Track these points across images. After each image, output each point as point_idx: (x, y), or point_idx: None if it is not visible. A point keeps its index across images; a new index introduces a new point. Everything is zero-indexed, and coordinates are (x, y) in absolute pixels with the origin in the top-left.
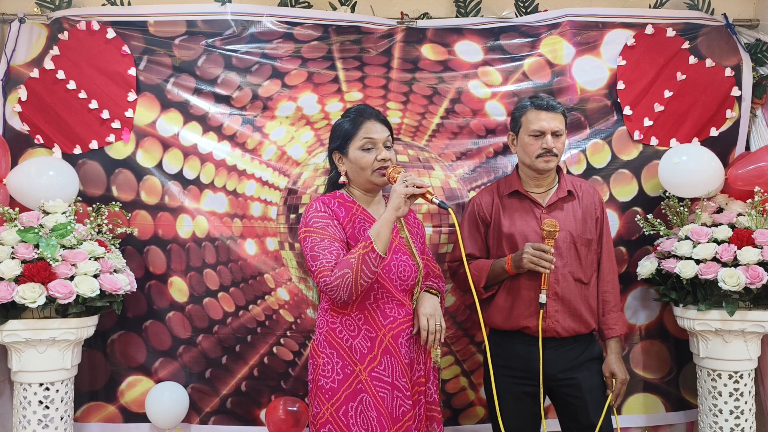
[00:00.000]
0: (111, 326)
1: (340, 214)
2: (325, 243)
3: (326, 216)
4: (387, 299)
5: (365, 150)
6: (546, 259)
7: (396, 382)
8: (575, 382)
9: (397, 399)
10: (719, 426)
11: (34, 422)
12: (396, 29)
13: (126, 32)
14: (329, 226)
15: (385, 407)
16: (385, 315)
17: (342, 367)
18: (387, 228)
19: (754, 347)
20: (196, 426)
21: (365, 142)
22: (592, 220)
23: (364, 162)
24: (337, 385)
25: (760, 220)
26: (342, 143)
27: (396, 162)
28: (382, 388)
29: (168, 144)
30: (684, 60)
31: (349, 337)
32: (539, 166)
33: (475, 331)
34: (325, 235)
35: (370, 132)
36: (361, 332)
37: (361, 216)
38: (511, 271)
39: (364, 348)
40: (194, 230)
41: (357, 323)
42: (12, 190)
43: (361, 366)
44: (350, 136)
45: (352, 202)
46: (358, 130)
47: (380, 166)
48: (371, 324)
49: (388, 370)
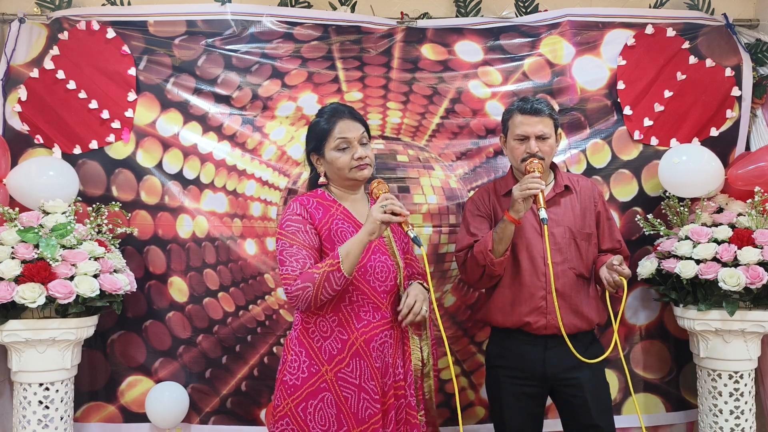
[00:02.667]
0: (111, 326)
1: (317, 215)
2: (293, 249)
3: (299, 220)
4: (363, 302)
5: (341, 150)
6: (532, 181)
7: (363, 385)
8: (577, 382)
9: (363, 401)
10: (719, 426)
11: (34, 422)
12: (396, 29)
13: (126, 32)
14: (300, 231)
15: (348, 407)
16: (359, 318)
17: (308, 366)
18: (358, 249)
19: (754, 347)
20: (196, 426)
21: (340, 141)
22: (591, 214)
23: (341, 162)
24: (300, 383)
25: (760, 220)
26: (317, 145)
27: (373, 158)
28: (347, 389)
29: (168, 144)
30: (684, 60)
31: (320, 339)
32: (524, 169)
33: (475, 331)
34: (294, 241)
35: (344, 131)
36: (333, 334)
37: (340, 216)
38: (510, 218)
39: (334, 349)
40: (194, 230)
41: (330, 325)
42: (12, 190)
43: (327, 366)
44: (325, 136)
45: (332, 202)
46: (332, 130)
47: (357, 165)
48: (344, 326)
49: (355, 372)
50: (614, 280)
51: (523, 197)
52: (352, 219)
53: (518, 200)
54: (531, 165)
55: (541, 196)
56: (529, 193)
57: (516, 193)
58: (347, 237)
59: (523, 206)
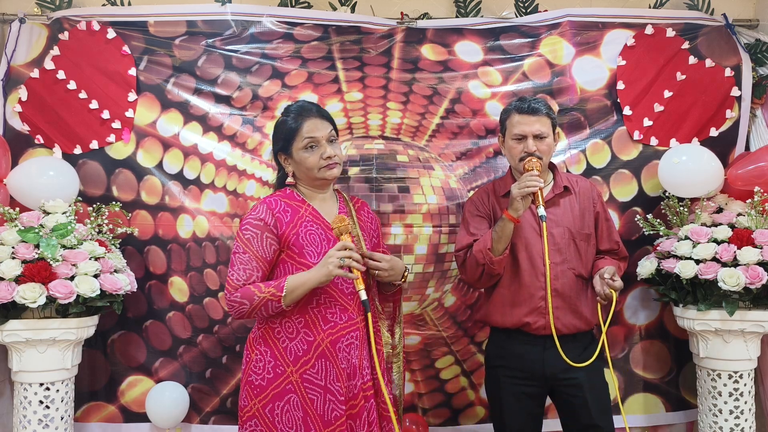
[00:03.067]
0: (111, 326)
1: (285, 219)
2: (245, 257)
3: (260, 226)
4: (330, 304)
5: (309, 149)
6: (530, 179)
7: (329, 386)
8: (576, 382)
9: (329, 402)
10: (719, 426)
11: (35, 422)
12: (396, 29)
13: (126, 32)
14: (256, 239)
15: (314, 409)
16: (326, 320)
17: (274, 366)
18: (303, 290)
19: (753, 347)
20: (196, 426)
21: (308, 141)
22: (591, 215)
23: (310, 162)
24: (266, 383)
25: (759, 220)
26: (285, 144)
27: (342, 156)
28: (313, 391)
29: (168, 144)
30: (684, 60)
31: (286, 339)
32: (523, 168)
33: (475, 331)
34: (248, 249)
35: (311, 131)
36: (299, 335)
37: (309, 217)
38: (509, 216)
39: (300, 351)
40: (194, 230)
41: (296, 326)
42: (12, 190)
43: (293, 368)
44: (292, 136)
45: (301, 202)
46: (300, 129)
47: (326, 164)
48: (311, 328)
49: (321, 374)
50: (604, 292)
51: (522, 195)
52: (321, 220)
53: (517, 198)
54: (529, 164)
55: (540, 194)
56: (527, 191)
57: (514, 192)
58: (315, 240)
59: (522, 204)
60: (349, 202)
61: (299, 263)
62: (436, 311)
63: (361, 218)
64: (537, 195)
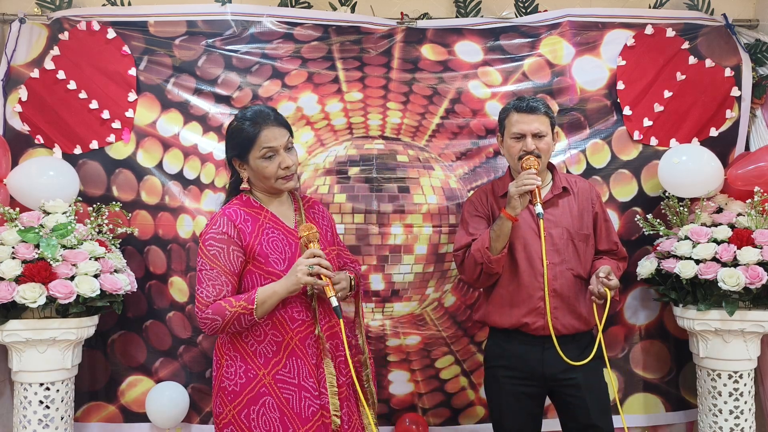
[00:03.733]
0: (111, 326)
1: (247, 230)
2: (212, 273)
3: (224, 240)
4: (295, 302)
5: (266, 158)
6: (528, 177)
7: (303, 383)
8: (575, 382)
9: (304, 399)
10: (719, 426)
11: (35, 422)
12: (396, 29)
13: (126, 32)
14: (222, 254)
15: (290, 408)
16: (293, 319)
17: (245, 371)
18: (274, 300)
19: (753, 347)
20: (196, 426)
21: (266, 151)
22: (589, 215)
23: (268, 172)
24: (239, 389)
25: (759, 220)
26: (241, 152)
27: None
28: (287, 390)
29: (168, 144)
30: (684, 60)
31: (254, 343)
32: (521, 167)
33: (475, 331)
34: (215, 264)
35: (269, 140)
36: (267, 337)
37: (269, 223)
38: (507, 214)
39: (269, 352)
40: (195, 230)
41: (264, 329)
42: (12, 190)
43: (264, 370)
44: (250, 144)
45: (260, 208)
46: (258, 138)
47: (284, 175)
48: (279, 329)
49: (293, 372)
50: (599, 291)
51: (519, 193)
52: (281, 225)
53: (514, 196)
54: (527, 162)
55: (538, 193)
56: (525, 189)
57: (512, 190)
58: (279, 246)
59: (520, 202)
60: (301, 202)
61: (266, 272)
62: (436, 311)
63: (313, 217)
64: (535, 193)
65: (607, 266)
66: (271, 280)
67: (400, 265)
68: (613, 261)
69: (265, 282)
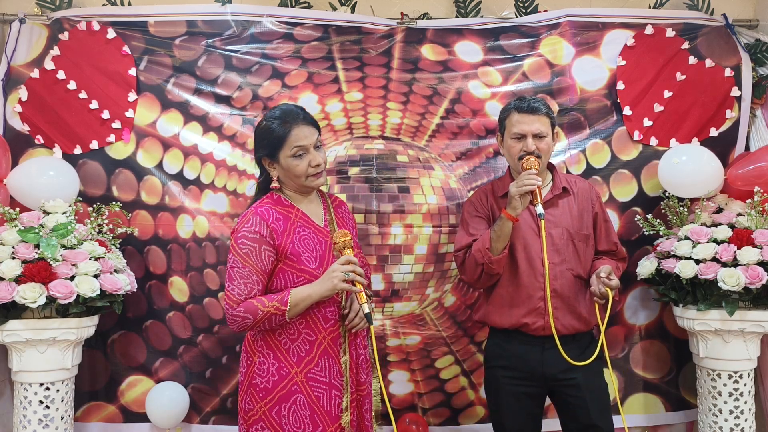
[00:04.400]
0: (111, 326)
1: (279, 228)
2: (244, 272)
3: (255, 239)
4: (328, 302)
5: (297, 157)
6: (528, 177)
7: (333, 381)
8: (575, 382)
9: (335, 397)
10: (719, 426)
11: (35, 422)
12: (396, 29)
13: (126, 32)
14: (254, 253)
15: (321, 406)
16: (326, 319)
17: (278, 368)
18: (308, 303)
19: (753, 347)
20: (196, 426)
21: (296, 150)
22: (589, 216)
23: (299, 170)
24: (272, 386)
25: (759, 220)
26: (272, 151)
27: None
28: (318, 388)
29: (168, 144)
30: (684, 60)
31: (288, 341)
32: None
33: (475, 331)
34: (247, 263)
35: (299, 139)
36: (301, 336)
37: (300, 222)
38: (508, 215)
39: (302, 351)
40: (194, 230)
41: (297, 327)
42: (12, 190)
43: (297, 368)
44: (280, 143)
45: (291, 207)
46: (288, 136)
47: (314, 173)
48: (311, 328)
49: (324, 371)
50: (600, 290)
51: (520, 194)
52: (311, 223)
53: (515, 197)
54: (528, 162)
55: (538, 193)
56: (525, 189)
57: (513, 190)
58: (310, 244)
59: (520, 203)
60: (329, 201)
61: (299, 270)
62: (436, 311)
63: (341, 218)
64: (535, 193)
65: (607, 266)
66: (303, 277)
67: (400, 265)
68: (612, 261)
69: (297, 280)
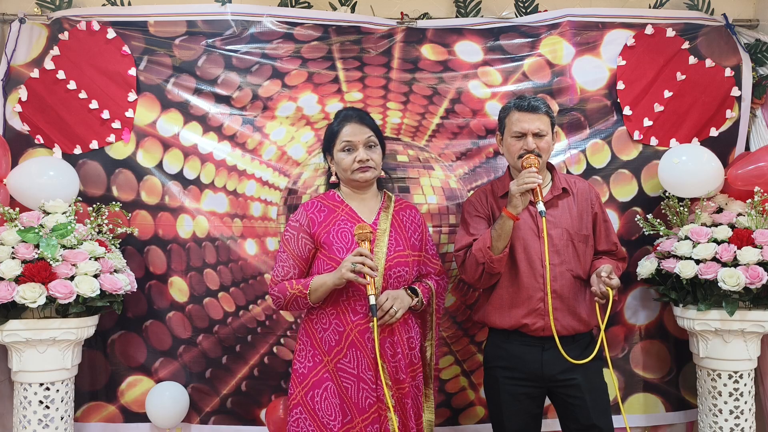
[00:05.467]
0: (111, 326)
1: (317, 219)
2: (284, 255)
3: (296, 227)
4: (359, 296)
5: (345, 152)
6: (529, 175)
7: (362, 375)
8: (575, 383)
9: (363, 390)
10: (719, 426)
11: (35, 422)
12: (396, 29)
13: (126, 32)
14: (293, 239)
15: (349, 397)
16: (355, 311)
17: (313, 355)
18: (325, 290)
19: (753, 347)
20: (196, 426)
21: (344, 144)
22: (589, 216)
23: (345, 164)
24: (307, 371)
25: (759, 220)
26: (327, 145)
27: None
28: (347, 379)
29: (168, 144)
30: (684, 60)
31: (321, 330)
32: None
33: (475, 331)
34: (287, 248)
35: (348, 135)
36: (331, 326)
37: (344, 216)
38: (509, 213)
39: (332, 341)
40: (194, 230)
41: (329, 318)
42: (12, 190)
43: (328, 357)
44: (333, 138)
45: (340, 202)
46: (340, 132)
47: (359, 167)
48: (341, 319)
49: (353, 363)
50: (601, 290)
51: (521, 192)
52: (356, 218)
53: (516, 195)
54: (528, 161)
55: (539, 191)
56: (526, 187)
57: (513, 189)
58: (347, 236)
59: (521, 201)
60: (392, 202)
61: (329, 258)
62: None
63: (401, 220)
64: (536, 191)
65: (608, 265)
66: (331, 265)
67: None
68: (612, 261)
69: (327, 267)
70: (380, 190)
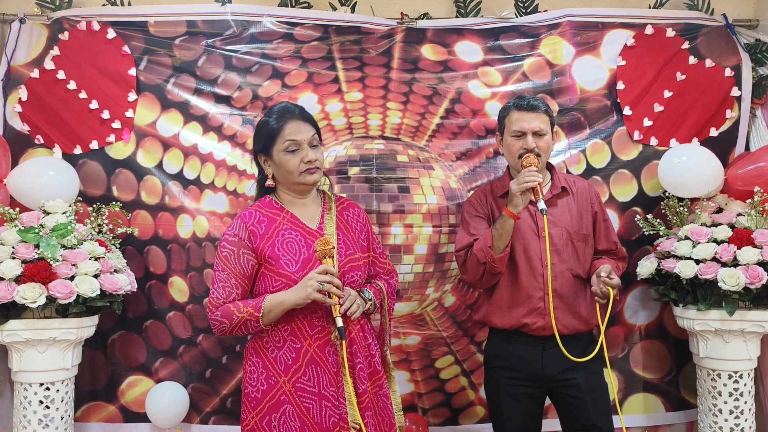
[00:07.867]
0: (111, 326)
1: (259, 231)
2: (223, 275)
3: (235, 242)
4: (315, 308)
5: (290, 152)
6: (529, 174)
7: (323, 392)
8: (575, 383)
9: (325, 408)
10: (719, 426)
11: (35, 422)
12: (396, 29)
13: (126, 32)
14: (233, 256)
15: (310, 417)
16: (312, 325)
17: (266, 378)
18: (281, 310)
19: (753, 347)
20: (196, 426)
21: (289, 144)
22: (588, 215)
23: (290, 165)
24: (261, 396)
25: (759, 220)
26: (266, 145)
27: (323, 162)
28: (307, 399)
29: (168, 144)
30: (684, 60)
31: (274, 349)
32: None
33: (475, 331)
34: (226, 267)
35: (293, 133)
36: (286, 343)
37: (287, 224)
38: (509, 212)
39: (289, 359)
40: (194, 230)
41: (283, 335)
42: (12, 190)
43: (285, 377)
44: (274, 137)
45: (280, 209)
46: (282, 130)
47: (306, 168)
48: (297, 335)
49: (313, 380)
50: (601, 290)
51: (521, 191)
52: (300, 225)
53: (516, 194)
54: (528, 160)
55: (540, 189)
56: (526, 186)
57: (514, 188)
58: (294, 247)
59: (522, 200)
60: (333, 203)
61: (277, 274)
62: (436, 311)
63: (347, 221)
64: (536, 190)
65: (608, 265)
66: (281, 282)
67: (400, 265)
68: (612, 260)
69: (275, 284)
70: (317, 191)
